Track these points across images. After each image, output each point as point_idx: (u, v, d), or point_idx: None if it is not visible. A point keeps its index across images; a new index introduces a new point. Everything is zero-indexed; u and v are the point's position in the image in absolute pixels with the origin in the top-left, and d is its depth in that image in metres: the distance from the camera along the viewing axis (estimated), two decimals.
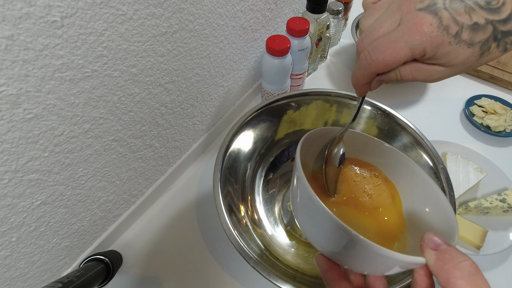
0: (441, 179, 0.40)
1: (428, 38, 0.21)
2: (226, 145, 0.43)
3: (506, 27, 0.20)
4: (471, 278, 0.18)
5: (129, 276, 0.46)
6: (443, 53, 0.21)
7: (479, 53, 0.21)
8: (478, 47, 0.21)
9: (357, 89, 0.27)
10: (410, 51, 0.21)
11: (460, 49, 0.21)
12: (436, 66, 0.22)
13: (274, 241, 0.45)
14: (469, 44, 0.21)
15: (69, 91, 0.30)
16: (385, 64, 0.23)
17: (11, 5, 0.23)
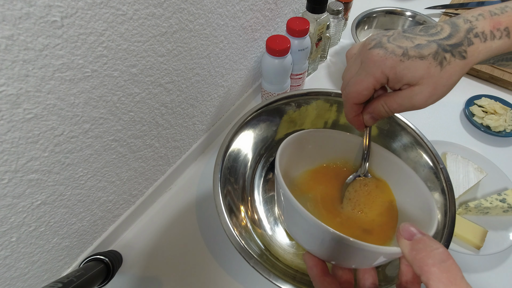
0: (441, 179, 0.40)
1: (381, 63, 0.25)
2: (226, 145, 0.43)
3: (450, 41, 0.24)
4: (443, 264, 0.18)
5: (129, 276, 0.46)
6: (401, 70, 0.25)
7: (437, 63, 0.24)
8: (431, 58, 0.24)
9: (352, 123, 0.32)
10: (372, 77, 0.26)
11: (414, 62, 0.24)
12: (410, 88, 0.26)
13: (274, 241, 0.45)
14: (420, 57, 0.24)
15: (69, 91, 0.30)
16: (357, 93, 0.28)
17: (11, 5, 0.23)
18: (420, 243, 0.20)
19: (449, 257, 0.19)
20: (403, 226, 0.22)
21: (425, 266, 0.19)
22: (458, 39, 0.24)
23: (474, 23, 0.24)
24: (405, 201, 0.35)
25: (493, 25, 0.24)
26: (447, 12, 0.79)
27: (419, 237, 0.21)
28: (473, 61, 0.25)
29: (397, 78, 0.25)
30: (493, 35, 0.24)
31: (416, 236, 0.21)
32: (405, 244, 0.21)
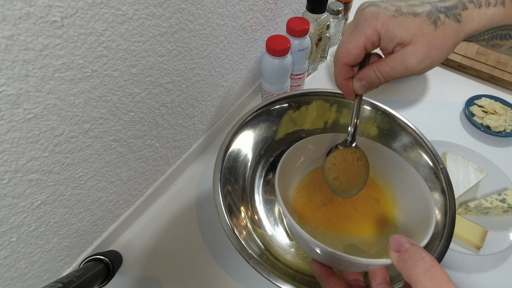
0: (441, 179, 0.40)
1: (372, 19, 0.24)
2: (226, 145, 0.43)
3: (445, 3, 0.23)
4: (429, 272, 0.19)
5: (129, 276, 0.46)
6: (393, 26, 0.24)
7: (430, 21, 0.23)
8: (425, 16, 0.23)
9: (341, 89, 0.30)
10: (363, 35, 0.25)
11: (407, 19, 0.23)
12: (403, 49, 0.24)
13: (274, 241, 0.45)
14: (413, 14, 0.23)
15: (69, 91, 0.30)
16: (347, 52, 0.26)
17: (11, 5, 0.23)
18: (406, 254, 0.21)
19: (434, 264, 0.19)
20: (392, 238, 0.23)
21: (412, 275, 0.19)
22: (452, 2, 0.23)
23: None
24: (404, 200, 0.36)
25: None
26: None
27: (406, 247, 0.22)
28: (468, 28, 0.24)
29: (389, 35, 0.24)
30: (488, 2, 0.23)
31: (404, 247, 0.22)
32: (393, 256, 0.22)
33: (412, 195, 0.35)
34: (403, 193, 0.37)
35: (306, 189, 0.39)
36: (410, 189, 0.35)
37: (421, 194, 0.33)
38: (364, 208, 0.37)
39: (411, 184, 0.35)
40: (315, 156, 0.40)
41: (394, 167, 0.37)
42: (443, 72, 0.70)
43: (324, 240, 0.35)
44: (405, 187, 0.36)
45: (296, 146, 0.38)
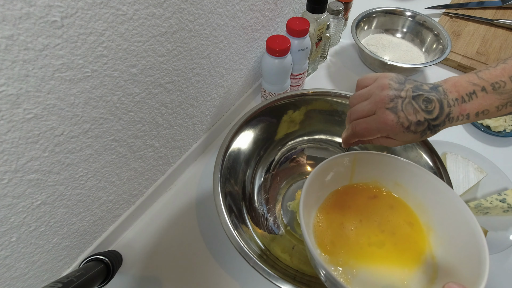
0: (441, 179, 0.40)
1: (390, 128, 0.32)
2: (226, 145, 0.43)
3: (435, 122, 0.32)
4: None
5: (129, 276, 0.46)
6: (400, 137, 0.33)
7: (420, 136, 0.32)
8: (419, 134, 0.32)
9: (345, 144, 0.38)
10: (378, 132, 0.33)
11: (409, 135, 0.32)
12: (393, 140, 0.34)
13: (274, 241, 0.45)
14: (414, 132, 0.32)
15: (69, 91, 0.30)
16: (363, 136, 0.35)
17: (11, 5, 0.23)
18: None
19: None
20: (447, 286, 0.23)
21: None
22: (439, 121, 0.32)
23: (451, 109, 0.31)
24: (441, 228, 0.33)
25: (460, 112, 0.31)
26: (447, 12, 0.79)
27: None
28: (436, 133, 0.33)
29: (394, 136, 0.33)
30: (458, 118, 0.32)
31: None
32: None
33: (452, 224, 0.32)
34: (440, 221, 0.34)
35: (329, 214, 0.37)
36: (448, 216, 0.33)
37: (463, 222, 0.30)
38: (397, 233, 0.35)
39: (450, 211, 0.32)
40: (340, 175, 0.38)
41: (427, 189, 0.35)
42: (443, 72, 0.70)
43: (354, 278, 0.32)
44: (442, 213, 0.33)
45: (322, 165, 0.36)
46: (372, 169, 0.38)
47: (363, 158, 0.38)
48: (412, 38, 0.72)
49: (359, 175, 0.39)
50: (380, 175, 0.38)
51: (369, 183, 0.39)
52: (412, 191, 0.37)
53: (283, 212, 0.49)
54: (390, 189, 0.38)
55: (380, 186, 0.39)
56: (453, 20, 0.77)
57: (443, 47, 0.64)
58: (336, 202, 0.38)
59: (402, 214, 0.36)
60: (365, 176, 0.39)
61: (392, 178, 0.38)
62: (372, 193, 0.38)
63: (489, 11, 0.78)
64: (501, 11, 0.78)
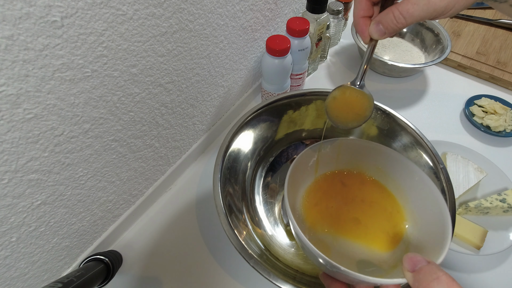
0: (441, 179, 0.40)
1: None
2: (226, 145, 0.43)
3: None
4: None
5: (129, 276, 0.46)
6: None
7: None
8: None
9: (357, 27, 0.28)
10: None
11: None
12: None
13: (274, 241, 0.45)
14: None
15: (69, 91, 0.30)
16: None
17: (11, 5, 0.23)
18: (421, 273, 0.21)
19: (451, 283, 0.19)
20: (406, 257, 0.23)
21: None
22: None
23: None
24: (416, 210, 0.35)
25: None
26: None
27: (421, 266, 0.21)
28: None
29: None
30: None
31: (419, 265, 0.21)
32: (408, 276, 0.22)
33: (425, 205, 0.34)
34: (415, 202, 0.35)
35: (315, 194, 0.39)
36: (422, 197, 0.34)
37: (435, 204, 0.32)
38: (373, 212, 0.37)
39: (424, 192, 0.34)
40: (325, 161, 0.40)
41: (405, 173, 0.36)
42: (443, 72, 0.70)
43: (335, 250, 0.34)
44: (417, 195, 0.35)
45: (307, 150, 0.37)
46: (355, 155, 0.39)
47: (347, 144, 0.39)
48: (412, 38, 0.72)
49: (343, 160, 0.40)
50: (362, 160, 0.40)
51: (353, 168, 0.41)
52: (391, 174, 0.38)
53: (283, 212, 0.49)
54: (372, 174, 0.40)
55: (363, 171, 0.40)
56: (453, 20, 0.77)
57: (443, 47, 0.65)
58: (323, 184, 0.40)
59: (380, 196, 0.38)
60: (349, 162, 0.40)
61: (373, 163, 0.39)
62: (357, 178, 0.40)
63: (489, 11, 0.78)
64: None
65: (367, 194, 0.39)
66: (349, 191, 0.39)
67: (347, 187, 0.39)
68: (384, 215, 0.37)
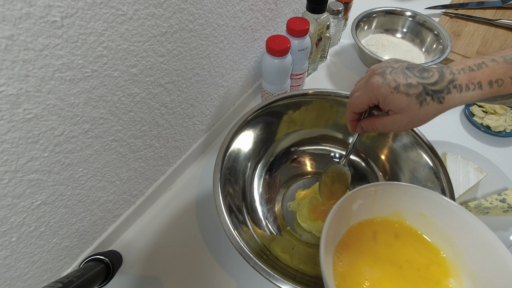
0: (441, 179, 0.40)
1: (376, 89, 0.31)
2: (226, 145, 0.43)
3: (435, 87, 0.30)
4: None
5: (129, 276, 0.46)
6: (390, 100, 0.31)
7: (417, 102, 0.30)
8: (415, 97, 0.30)
9: (348, 125, 0.39)
10: (367, 97, 0.33)
11: (400, 97, 0.30)
12: (394, 115, 0.32)
13: (274, 241, 0.45)
14: (406, 94, 0.30)
15: (69, 91, 0.30)
16: (355, 105, 0.35)
17: (11, 5, 0.23)
18: None
19: None
20: None
21: None
22: (440, 87, 0.30)
23: (456, 76, 0.30)
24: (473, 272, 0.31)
25: (468, 79, 0.29)
26: (447, 12, 0.79)
27: None
28: (449, 106, 0.30)
29: (385, 103, 0.32)
30: (468, 87, 0.29)
31: None
32: None
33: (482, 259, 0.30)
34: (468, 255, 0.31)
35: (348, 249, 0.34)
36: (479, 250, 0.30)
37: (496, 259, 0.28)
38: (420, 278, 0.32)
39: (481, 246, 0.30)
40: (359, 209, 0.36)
41: (456, 221, 0.32)
42: None
43: None
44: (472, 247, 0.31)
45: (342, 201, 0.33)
46: (395, 200, 0.35)
47: (385, 189, 0.35)
48: (412, 38, 0.72)
49: (380, 206, 0.36)
50: (403, 206, 0.35)
51: (390, 215, 0.36)
52: (438, 222, 0.34)
53: (283, 212, 0.49)
54: (413, 221, 0.35)
55: (403, 218, 0.36)
56: (453, 20, 0.77)
57: (443, 47, 0.65)
58: (356, 239, 0.35)
59: (425, 253, 0.34)
60: (387, 208, 0.36)
61: (416, 208, 0.35)
62: (393, 230, 0.36)
63: (489, 11, 0.78)
64: (501, 11, 0.78)
65: (407, 254, 0.34)
66: (388, 252, 0.34)
67: (385, 246, 0.34)
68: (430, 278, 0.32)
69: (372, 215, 0.36)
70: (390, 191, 0.35)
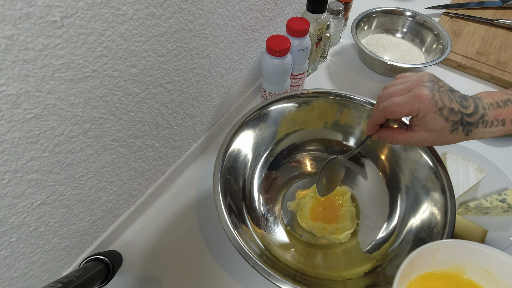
0: (441, 179, 0.40)
1: (423, 103, 0.31)
2: (226, 145, 0.43)
3: (470, 119, 0.31)
4: None
5: (129, 276, 0.46)
6: (430, 119, 0.31)
7: (450, 129, 0.31)
8: (450, 124, 0.31)
9: (368, 126, 0.37)
10: (410, 107, 0.32)
11: (440, 119, 0.31)
12: (421, 133, 0.33)
13: (274, 241, 0.45)
14: (445, 119, 0.31)
15: (69, 91, 0.30)
16: (391, 112, 0.33)
17: (11, 5, 0.23)
18: None
19: None
20: None
21: None
22: (473, 120, 0.31)
23: (486, 111, 0.31)
24: None
25: (495, 116, 0.31)
26: (447, 12, 0.79)
27: None
28: (470, 139, 0.32)
29: (423, 120, 0.32)
30: (492, 123, 0.31)
31: None
32: None
33: None
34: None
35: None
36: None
37: None
38: None
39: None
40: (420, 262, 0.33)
41: None
42: (443, 72, 0.70)
43: None
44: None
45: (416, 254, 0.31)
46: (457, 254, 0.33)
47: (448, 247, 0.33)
48: (412, 38, 0.72)
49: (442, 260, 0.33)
50: (465, 260, 0.33)
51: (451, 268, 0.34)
52: (504, 280, 0.32)
53: (283, 212, 0.49)
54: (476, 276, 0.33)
55: (463, 272, 0.33)
56: (453, 20, 0.77)
57: (443, 47, 0.65)
58: None
59: None
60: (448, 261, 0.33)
61: (480, 264, 0.33)
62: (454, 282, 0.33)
63: (489, 11, 0.78)
64: (501, 11, 0.78)
65: None
66: None
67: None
68: None
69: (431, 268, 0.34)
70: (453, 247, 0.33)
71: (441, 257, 0.33)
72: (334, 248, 0.45)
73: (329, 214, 0.47)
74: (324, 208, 0.48)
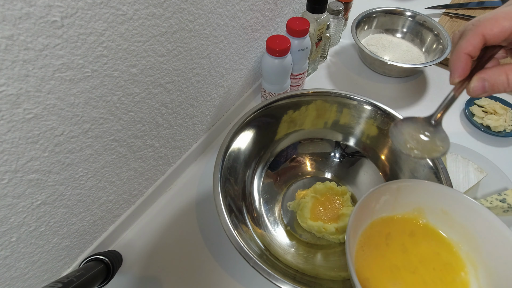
0: (441, 179, 0.40)
1: None
2: (226, 145, 0.43)
3: None
4: None
5: (129, 276, 0.46)
6: None
7: None
8: None
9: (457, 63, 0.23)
10: None
11: None
12: None
13: (274, 241, 0.45)
14: None
15: (69, 91, 0.30)
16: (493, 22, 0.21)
17: (11, 5, 0.23)
18: None
19: None
20: None
21: None
22: None
23: None
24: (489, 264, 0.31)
25: None
26: (447, 12, 0.79)
27: None
28: None
29: None
30: None
31: None
32: None
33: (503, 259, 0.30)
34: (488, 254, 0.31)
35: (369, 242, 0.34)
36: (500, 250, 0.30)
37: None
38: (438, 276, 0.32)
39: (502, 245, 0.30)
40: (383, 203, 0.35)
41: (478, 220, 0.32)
42: (443, 72, 0.70)
43: None
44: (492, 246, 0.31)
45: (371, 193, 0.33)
46: (417, 197, 0.35)
47: (408, 187, 0.35)
48: (412, 38, 0.72)
49: (402, 203, 0.36)
50: (425, 202, 0.35)
51: (411, 211, 0.36)
52: (458, 218, 0.34)
53: (283, 212, 0.49)
54: (433, 218, 0.35)
55: (422, 215, 0.35)
56: (453, 20, 0.77)
57: (443, 47, 0.64)
58: (375, 236, 0.35)
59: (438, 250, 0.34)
60: (409, 204, 0.35)
61: (439, 205, 0.34)
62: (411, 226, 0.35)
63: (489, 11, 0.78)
64: None
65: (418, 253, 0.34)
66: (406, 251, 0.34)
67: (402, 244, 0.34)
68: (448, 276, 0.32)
69: (393, 212, 0.35)
70: (413, 188, 0.34)
71: (402, 200, 0.34)
72: (334, 248, 0.45)
73: (329, 214, 0.47)
74: (324, 208, 0.48)
